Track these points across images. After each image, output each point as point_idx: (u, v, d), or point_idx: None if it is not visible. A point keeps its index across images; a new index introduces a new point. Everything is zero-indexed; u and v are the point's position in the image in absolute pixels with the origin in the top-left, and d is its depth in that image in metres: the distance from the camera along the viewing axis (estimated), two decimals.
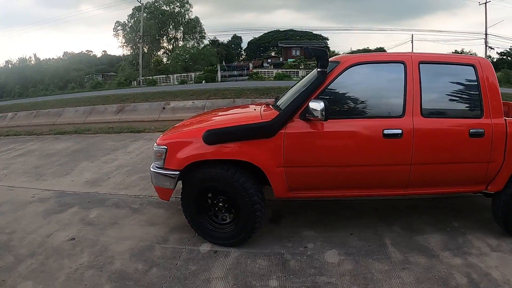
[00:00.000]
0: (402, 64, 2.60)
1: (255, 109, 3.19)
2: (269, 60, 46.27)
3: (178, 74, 31.72)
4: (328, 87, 2.58)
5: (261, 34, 52.21)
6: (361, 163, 2.60)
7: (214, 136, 2.59)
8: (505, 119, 2.52)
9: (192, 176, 2.73)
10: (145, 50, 37.00)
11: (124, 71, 32.25)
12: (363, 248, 2.77)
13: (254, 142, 2.59)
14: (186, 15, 41.11)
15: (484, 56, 29.13)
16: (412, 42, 37.85)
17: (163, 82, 30.53)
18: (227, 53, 45.12)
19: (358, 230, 3.05)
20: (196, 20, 41.54)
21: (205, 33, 42.58)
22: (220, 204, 2.84)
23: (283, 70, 33.02)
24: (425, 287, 2.29)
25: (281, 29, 51.28)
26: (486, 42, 29.44)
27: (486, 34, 29.19)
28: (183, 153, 2.68)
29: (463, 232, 2.92)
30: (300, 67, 36.96)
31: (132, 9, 38.88)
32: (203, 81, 26.36)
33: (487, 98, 2.54)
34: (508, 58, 34.29)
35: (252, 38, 53.21)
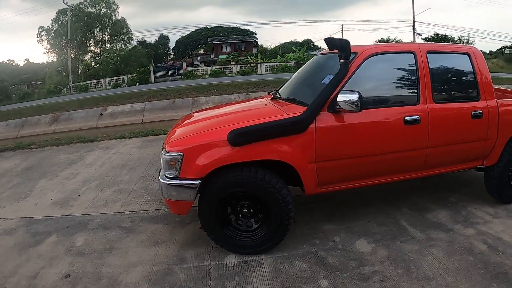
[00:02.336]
0: (412, 54, 2.73)
1: (265, 104, 3.01)
2: (198, 58, 45.63)
3: (110, 78, 29.93)
4: (351, 78, 2.58)
5: (189, 32, 51.48)
6: (387, 151, 2.66)
7: (242, 136, 2.36)
8: (496, 101, 2.86)
9: (213, 184, 2.45)
10: (72, 55, 34.35)
11: (52, 79, 29.95)
12: (386, 233, 2.87)
13: (284, 139, 2.45)
14: (113, 16, 39.00)
15: (414, 42, 32.53)
16: (342, 32, 40.35)
17: (94, 88, 28.67)
18: (155, 53, 43.35)
19: (373, 216, 3.14)
20: (123, 21, 39.55)
21: (132, 34, 40.87)
22: (245, 210, 2.63)
23: (217, 66, 32.78)
24: (457, 258, 2.47)
25: (208, 26, 51.17)
26: (414, 29, 31.77)
27: (413, 22, 31.38)
28: (204, 158, 2.38)
29: (462, 205, 3.23)
30: (232, 63, 37.25)
31: (56, 13, 36.17)
32: (137, 84, 25.19)
33: (482, 83, 2.84)
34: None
35: (180, 37, 52.09)
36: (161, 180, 2.53)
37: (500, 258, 2.44)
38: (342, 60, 2.54)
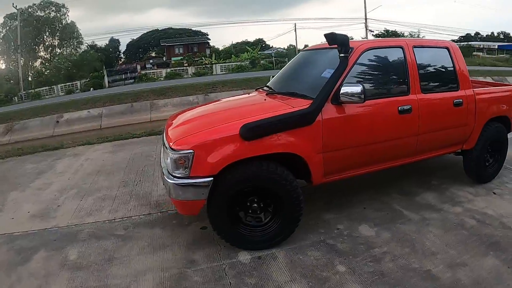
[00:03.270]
0: (401, 49, 2.93)
1: (264, 99, 3.01)
2: (151, 61, 44.34)
3: (62, 84, 28.29)
4: (350, 71, 2.69)
5: (140, 35, 50.08)
6: (384, 139, 2.82)
7: (255, 130, 2.34)
8: (473, 90, 3.18)
9: (225, 181, 2.38)
10: (22, 61, 31.83)
11: (2, 87, 27.54)
12: (384, 217, 3.02)
13: (293, 131, 2.47)
14: (63, 20, 36.90)
15: (366, 38, 34.18)
16: (295, 31, 41.38)
17: (47, 95, 26.74)
18: (106, 57, 41.40)
19: (367, 203, 3.29)
20: (73, 24, 37.57)
21: (82, 38, 38.98)
22: (254, 205, 2.61)
23: (172, 68, 32.08)
24: (453, 234, 2.70)
25: (159, 28, 50.12)
26: (366, 26, 33.34)
27: (366, 19, 32.90)
28: (217, 154, 2.32)
29: (445, 187, 3.53)
30: (185, 64, 36.68)
31: (4, 18, 33.37)
32: (91, 89, 24.15)
33: (460, 74, 3.14)
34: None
35: (131, 40, 50.44)
36: (169, 181, 2.40)
37: (490, 230, 2.72)
38: (342, 55, 2.64)
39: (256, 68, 30.22)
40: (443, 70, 3.14)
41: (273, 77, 3.86)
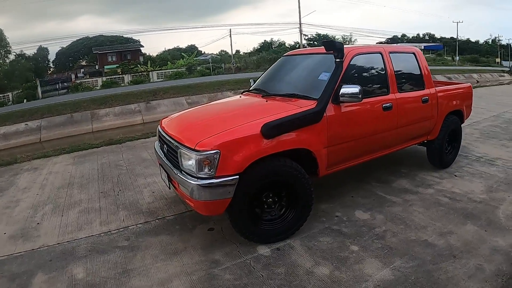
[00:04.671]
0: (380, 54, 3.37)
1: (266, 101, 3.13)
2: (82, 70, 41.05)
3: None
4: (345, 74, 3.00)
5: (70, 43, 46.97)
6: (373, 133, 3.20)
7: (276, 129, 2.50)
8: (435, 89, 3.78)
9: (248, 178, 2.45)
10: None
11: None
12: (372, 203, 3.38)
13: (304, 129, 2.68)
14: None
15: (299, 42, 35.49)
16: (230, 36, 41.76)
17: None
18: (36, 67, 37.38)
19: (354, 192, 3.63)
20: (0, 33, 34.11)
21: (10, 47, 35.56)
22: (270, 200, 2.73)
23: (108, 77, 30.34)
24: (434, 210, 3.17)
25: (90, 36, 47.59)
26: (300, 31, 34.46)
27: (300, 24, 33.79)
28: (242, 153, 2.40)
29: (414, 174, 4.07)
30: (119, 72, 34.86)
31: None
32: (25, 100, 22.02)
33: (425, 75, 3.72)
34: (315, 42, 43.29)
35: (60, 48, 46.55)
36: (192, 182, 2.39)
37: (462, 204, 3.27)
38: (337, 60, 2.94)
39: (193, 75, 30.45)
40: (412, 72, 3.68)
41: (254, 81, 4.03)
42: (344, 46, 3.10)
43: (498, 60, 52.68)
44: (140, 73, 35.23)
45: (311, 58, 3.62)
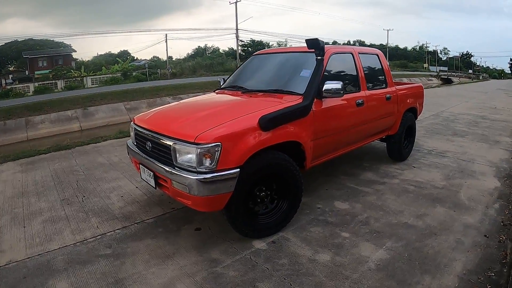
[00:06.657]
0: (351, 54, 3.63)
1: (250, 96, 3.16)
2: (11, 75, 36.69)
3: None
4: (325, 71, 3.18)
5: None
6: (350, 126, 3.43)
7: (273, 121, 2.54)
8: (396, 88, 4.18)
9: (246, 171, 2.42)
10: None
11: None
12: (347, 194, 3.59)
13: (295, 122, 2.76)
14: None
15: (235, 49, 35.85)
16: (166, 41, 40.61)
17: None
18: None
19: (327, 185, 3.82)
20: None
21: None
22: (263, 193, 2.74)
23: (40, 83, 27.60)
24: (404, 197, 3.49)
25: (19, 39, 43.56)
26: (237, 36, 34.88)
27: (237, 30, 34.21)
28: (242, 145, 2.38)
29: (376, 167, 4.43)
30: (51, 77, 32.26)
31: None
32: None
33: (387, 75, 4.10)
34: (249, 48, 43.81)
35: None
36: (191, 177, 2.29)
37: (427, 191, 3.66)
38: (319, 57, 3.10)
39: (129, 80, 29.73)
40: (377, 72, 4.03)
41: (224, 80, 4.04)
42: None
43: (425, 65, 58.58)
44: (73, 79, 33.23)
45: (286, 56, 3.74)
